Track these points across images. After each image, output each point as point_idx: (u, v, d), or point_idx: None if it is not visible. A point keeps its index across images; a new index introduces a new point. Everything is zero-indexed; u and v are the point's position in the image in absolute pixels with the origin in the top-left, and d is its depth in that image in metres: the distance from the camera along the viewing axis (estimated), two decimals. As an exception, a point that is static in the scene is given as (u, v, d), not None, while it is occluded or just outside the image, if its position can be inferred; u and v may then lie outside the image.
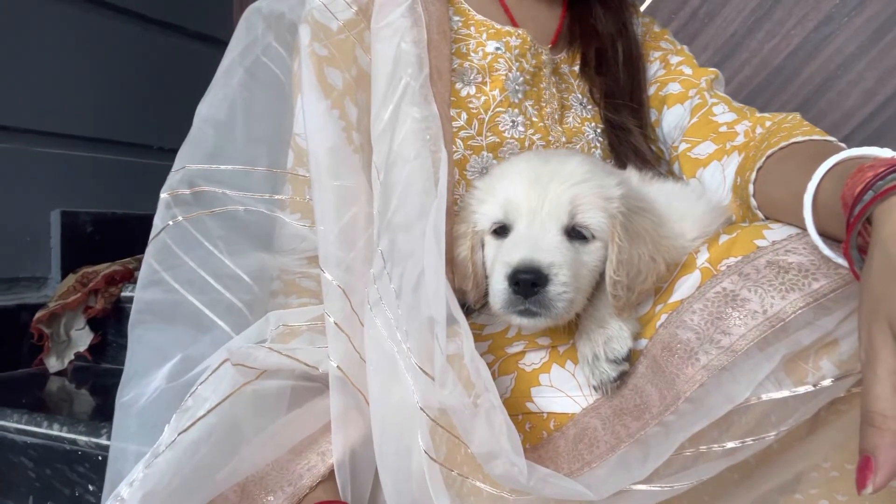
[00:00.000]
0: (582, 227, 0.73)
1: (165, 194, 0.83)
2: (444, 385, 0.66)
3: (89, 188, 2.08)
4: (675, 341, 0.66)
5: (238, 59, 0.89)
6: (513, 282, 0.69)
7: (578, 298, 0.72)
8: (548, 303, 0.69)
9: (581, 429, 0.69)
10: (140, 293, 0.82)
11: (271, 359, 0.78)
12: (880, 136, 1.89)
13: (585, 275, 0.73)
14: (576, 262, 0.72)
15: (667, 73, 1.08)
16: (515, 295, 0.69)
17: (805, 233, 0.66)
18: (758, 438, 0.62)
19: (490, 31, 0.98)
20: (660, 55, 1.12)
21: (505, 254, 0.72)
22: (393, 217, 0.75)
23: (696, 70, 1.07)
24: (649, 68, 1.12)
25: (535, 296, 0.69)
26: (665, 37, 1.16)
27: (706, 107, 0.99)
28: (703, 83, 1.03)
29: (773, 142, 0.80)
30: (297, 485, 0.74)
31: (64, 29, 2.01)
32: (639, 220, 0.74)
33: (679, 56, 1.11)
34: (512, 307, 0.71)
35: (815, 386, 0.60)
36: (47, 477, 1.37)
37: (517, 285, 0.69)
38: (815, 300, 0.61)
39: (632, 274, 0.71)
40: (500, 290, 0.71)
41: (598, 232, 0.73)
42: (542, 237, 0.72)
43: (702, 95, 1.01)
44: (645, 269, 0.72)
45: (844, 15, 1.89)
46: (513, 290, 0.69)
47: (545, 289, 0.69)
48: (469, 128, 0.94)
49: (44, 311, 1.79)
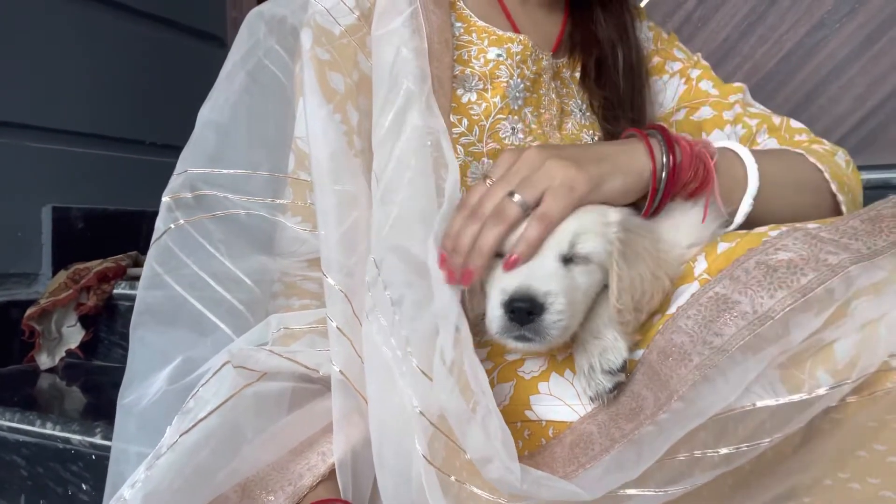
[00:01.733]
0: (580, 257, 0.73)
1: (167, 198, 0.83)
2: (443, 389, 0.67)
3: (81, 184, 2.06)
4: (670, 346, 0.67)
5: (240, 63, 0.89)
6: (508, 309, 0.70)
7: (573, 324, 0.72)
8: (543, 330, 0.69)
9: (578, 435, 0.70)
10: (141, 295, 0.82)
11: (272, 361, 0.78)
12: (871, 142, 1.91)
13: (580, 299, 0.73)
14: (571, 289, 0.72)
15: (689, 90, 1.10)
16: (511, 322, 0.70)
17: (795, 228, 0.68)
18: (752, 445, 0.63)
19: (492, 38, 0.98)
20: (679, 68, 1.13)
21: (501, 281, 0.72)
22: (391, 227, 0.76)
23: (721, 88, 1.08)
24: (669, 83, 1.13)
25: (530, 323, 0.69)
26: (676, 44, 1.16)
27: (751, 138, 1.02)
28: (737, 108, 1.04)
29: None
30: (297, 484, 0.75)
31: (55, 24, 2.00)
32: (637, 241, 0.74)
33: (698, 69, 1.12)
34: (507, 333, 0.71)
35: (809, 394, 0.61)
36: (40, 475, 1.37)
37: (513, 312, 0.69)
38: (803, 296, 0.62)
39: (636, 297, 0.71)
40: (496, 315, 0.71)
41: (596, 257, 0.73)
42: (539, 265, 0.72)
43: (745, 124, 1.03)
44: (650, 287, 0.72)
45: (836, 21, 1.91)
46: (508, 316, 0.70)
47: (540, 317, 0.69)
48: (470, 134, 0.94)
49: (35, 308, 1.78)
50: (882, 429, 0.62)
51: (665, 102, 1.13)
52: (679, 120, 1.10)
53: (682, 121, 1.09)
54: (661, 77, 1.14)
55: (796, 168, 0.91)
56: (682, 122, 1.09)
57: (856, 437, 0.63)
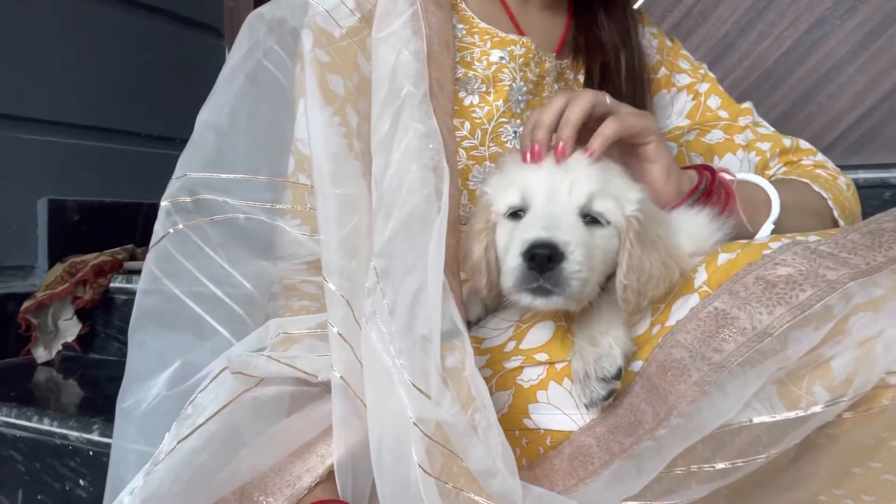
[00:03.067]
0: (598, 214, 0.74)
1: (166, 202, 0.82)
2: (440, 403, 0.67)
3: (77, 176, 2.05)
4: (669, 360, 0.67)
5: (240, 65, 0.88)
6: (528, 257, 0.69)
7: (592, 279, 0.72)
8: (562, 280, 0.69)
9: (576, 447, 0.71)
10: (140, 299, 0.82)
11: (270, 367, 0.78)
12: (869, 140, 1.92)
13: (598, 257, 0.73)
14: (590, 244, 0.72)
15: (697, 106, 1.12)
16: (530, 271, 0.69)
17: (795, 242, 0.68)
18: (748, 460, 0.63)
19: (494, 40, 0.97)
20: (687, 83, 1.14)
21: (521, 232, 0.72)
22: (390, 233, 0.76)
23: (730, 109, 1.11)
24: (676, 97, 1.13)
25: (549, 272, 0.69)
26: (681, 52, 1.17)
27: (766, 164, 1.08)
28: (749, 133, 1.09)
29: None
30: (295, 486, 0.75)
31: (50, 14, 1.98)
32: (652, 228, 0.75)
33: (705, 83, 1.13)
34: (525, 284, 0.70)
35: (806, 411, 0.62)
36: (37, 471, 1.37)
37: (532, 261, 0.69)
38: (801, 312, 0.62)
39: (643, 279, 0.72)
40: (514, 266, 0.71)
41: (611, 219, 0.74)
42: (559, 216, 0.72)
43: (758, 150, 1.07)
44: (658, 274, 0.73)
45: (837, 18, 1.91)
46: (528, 265, 0.69)
47: (560, 265, 0.69)
48: (472, 138, 0.94)
49: (31, 302, 1.77)
50: (878, 446, 0.62)
51: (672, 117, 1.13)
52: (690, 140, 1.11)
53: (692, 141, 1.11)
54: (668, 91, 1.14)
55: (802, 195, 0.98)
56: (692, 142, 1.11)
57: (851, 454, 0.64)
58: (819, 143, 1.98)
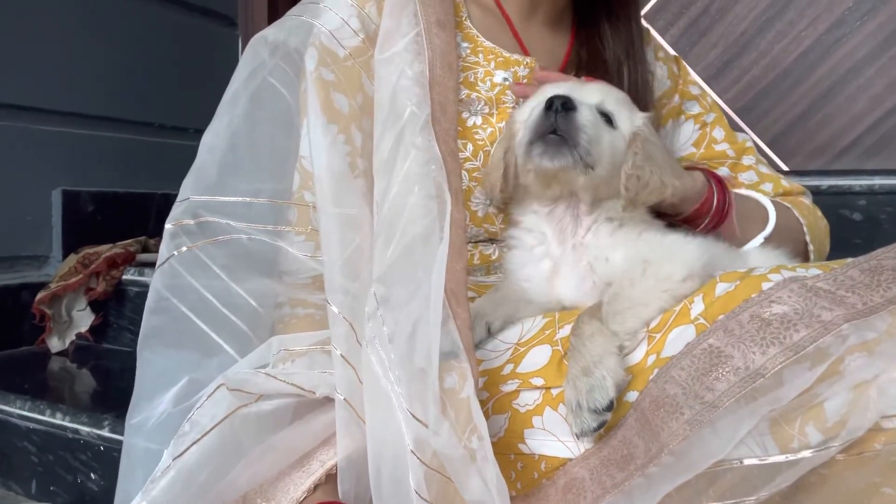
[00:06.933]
0: (609, 114, 0.84)
1: (170, 225, 0.83)
2: (438, 432, 0.68)
3: (91, 167, 2.07)
4: (663, 395, 0.68)
5: (242, 87, 0.88)
6: (547, 105, 0.79)
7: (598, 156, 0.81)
8: (574, 129, 0.79)
9: (570, 478, 0.72)
10: (147, 318, 0.83)
11: (269, 384, 0.79)
12: (887, 143, 1.89)
13: (606, 143, 0.83)
14: (599, 127, 0.82)
15: (703, 136, 1.14)
16: (546, 118, 0.80)
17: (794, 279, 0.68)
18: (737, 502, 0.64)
19: (498, 60, 0.97)
20: (696, 113, 1.16)
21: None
22: (390, 260, 0.76)
23: (735, 147, 1.14)
24: (684, 125, 1.16)
25: (564, 120, 0.79)
26: (689, 78, 1.17)
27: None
28: (752, 174, 1.14)
29: None
30: (296, 490, 0.77)
31: (64, 4, 1.98)
32: (654, 148, 0.86)
33: (712, 113, 1.16)
34: (540, 131, 0.80)
35: (797, 454, 0.62)
36: (50, 463, 1.41)
37: (549, 109, 0.79)
38: (795, 353, 0.62)
39: (642, 180, 0.83)
40: (532, 118, 0.82)
41: (622, 127, 0.85)
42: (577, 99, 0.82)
43: (762, 192, 1.11)
44: (654, 185, 0.84)
45: (857, 19, 1.87)
46: (545, 114, 0.80)
47: (574, 113, 0.79)
48: (475, 159, 0.94)
49: (45, 292, 1.81)
50: (870, 492, 0.63)
51: (677, 145, 1.14)
52: None
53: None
54: (676, 119, 1.14)
55: (784, 218, 1.06)
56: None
57: (843, 498, 0.64)
58: (835, 145, 1.96)
